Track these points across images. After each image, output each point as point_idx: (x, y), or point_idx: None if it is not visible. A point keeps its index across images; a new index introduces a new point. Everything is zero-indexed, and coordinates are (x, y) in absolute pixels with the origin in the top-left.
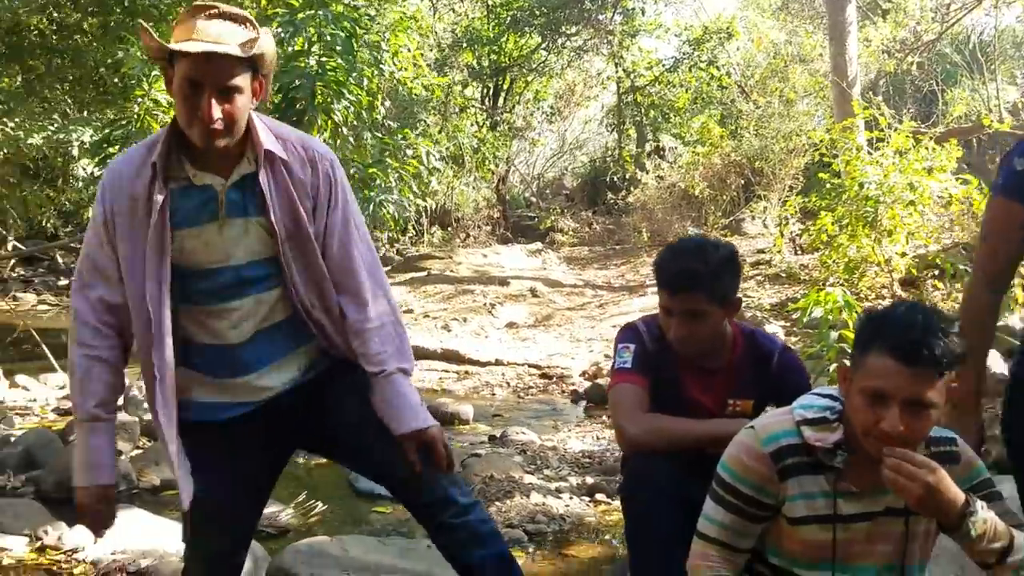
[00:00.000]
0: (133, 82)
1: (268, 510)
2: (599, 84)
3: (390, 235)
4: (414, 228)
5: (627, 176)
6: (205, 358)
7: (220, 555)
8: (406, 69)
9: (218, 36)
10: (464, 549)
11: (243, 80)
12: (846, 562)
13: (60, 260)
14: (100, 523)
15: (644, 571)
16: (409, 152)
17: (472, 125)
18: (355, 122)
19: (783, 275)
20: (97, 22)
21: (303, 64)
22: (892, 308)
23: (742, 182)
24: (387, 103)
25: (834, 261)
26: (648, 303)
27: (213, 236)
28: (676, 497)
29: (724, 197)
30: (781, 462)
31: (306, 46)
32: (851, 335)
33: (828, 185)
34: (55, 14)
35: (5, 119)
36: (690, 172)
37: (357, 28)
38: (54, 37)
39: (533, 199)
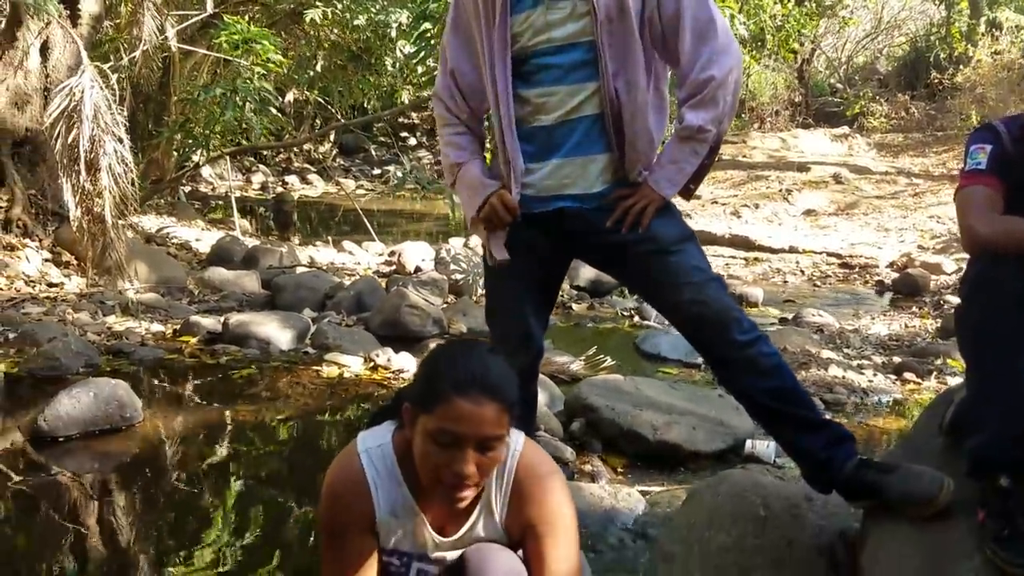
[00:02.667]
0: None
1: (561, 359)
2: None
3: None
4: None
5: (954, 55)
6: (526, 140)
7: (511, 338)
8: None
9: None
10: (743, 376)
11: None
12: None
13: (374, 153)
14: (499, 222)
15: (983, 377)
16: None
17: (776, 3)
18: None
19: None
20: None
21: None
22: None
23: None
24: None
25: None
26: None
27: (539, 19)
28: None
29: None
30: None
31: None
32: None
33: None
34: None
35: (335, 1)
36: None
37: None
38: None
39: (839, 85)
